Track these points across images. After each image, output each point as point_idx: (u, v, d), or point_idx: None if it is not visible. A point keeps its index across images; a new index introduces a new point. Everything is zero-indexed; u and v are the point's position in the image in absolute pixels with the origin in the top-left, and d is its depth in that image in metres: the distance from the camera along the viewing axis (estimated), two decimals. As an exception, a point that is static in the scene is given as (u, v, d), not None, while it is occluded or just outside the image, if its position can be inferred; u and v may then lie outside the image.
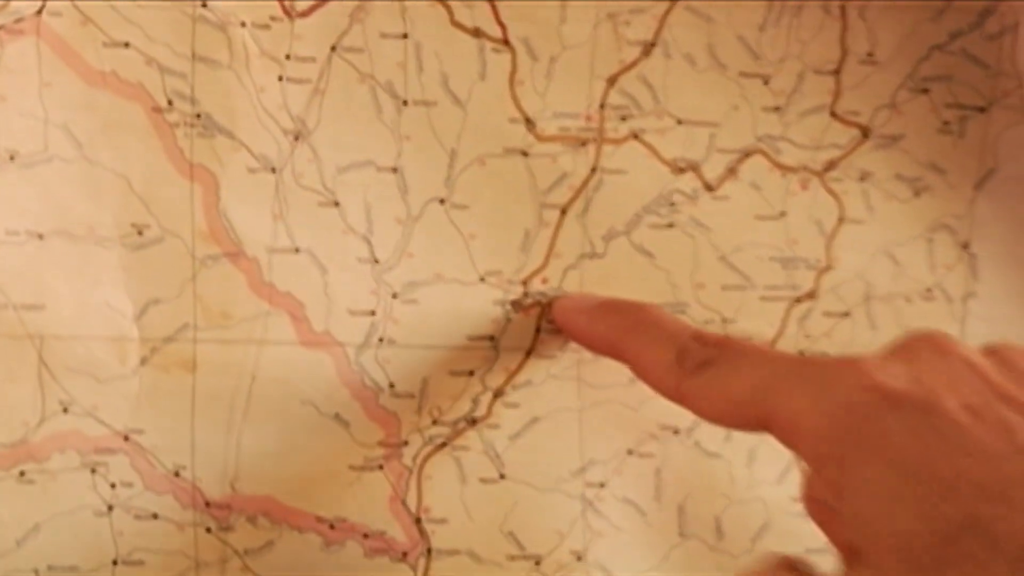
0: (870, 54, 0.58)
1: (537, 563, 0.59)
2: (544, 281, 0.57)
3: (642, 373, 0.52)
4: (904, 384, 0.41)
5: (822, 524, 0.44)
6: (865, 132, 0.59)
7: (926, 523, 0.38)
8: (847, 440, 0.41)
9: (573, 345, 0.58)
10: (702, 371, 0.48)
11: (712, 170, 0.58)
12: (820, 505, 0.43)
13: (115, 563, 0.56)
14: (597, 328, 0.55)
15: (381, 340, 0.56)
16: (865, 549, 0.40)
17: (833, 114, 0.58)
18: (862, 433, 0.41)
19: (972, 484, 0.38)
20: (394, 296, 0.56)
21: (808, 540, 0.56)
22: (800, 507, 0.56)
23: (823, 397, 0.42)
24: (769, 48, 0.57)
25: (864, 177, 0.59)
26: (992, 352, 0.44)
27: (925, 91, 0.59)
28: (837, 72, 0.58)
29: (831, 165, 0.59)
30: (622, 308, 0.55)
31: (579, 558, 0.59)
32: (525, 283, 0.57)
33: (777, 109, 0.58)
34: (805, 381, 0.44)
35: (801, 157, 0.58)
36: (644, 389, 0.55)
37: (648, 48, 0.56)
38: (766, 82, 0.57)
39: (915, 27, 0.58)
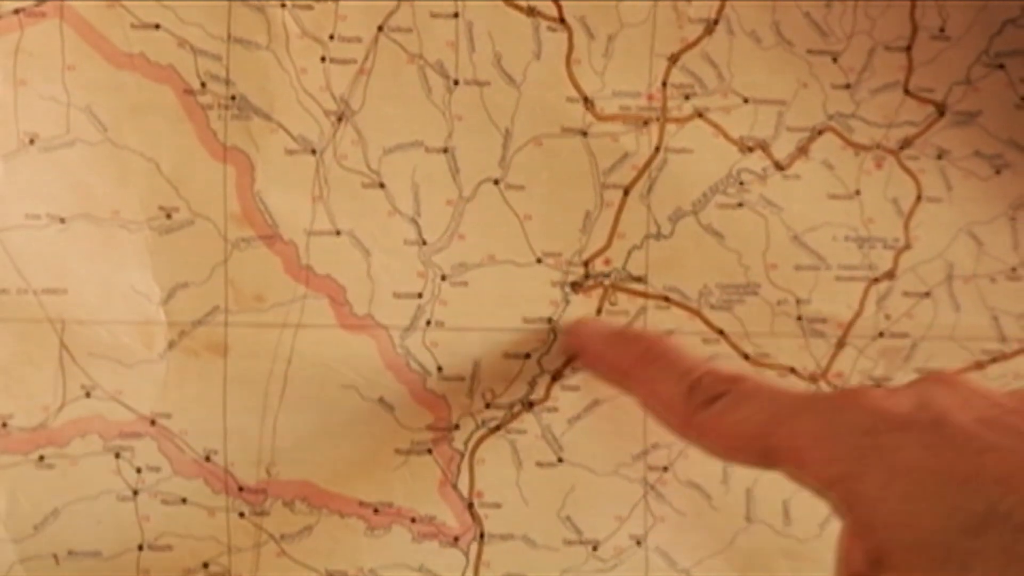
0: (942, 30, 0.57)
1: (594, 548, 0.58)
2: (607, 262, 0.56)
3: (652, 404, 0.52)
4: (911, 409, 0.42)
5: None
6: (940, 109, 0.58)
7: (948, 519, 0.38)
8: (856, 456, 0.41)
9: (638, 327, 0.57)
10: (712, 404, 0.48)
11: (782, 149, 0.57)
12: None
13: (141, 548, 0.55)
14: (609, 354, 0.55)
15: (429, 323, 0.56)
16: (888, 553, 0.39)
17: (906, 91, 0.58)
18: (871, 449, 0.41)
19: (991, 477, 0.38)
20: (443, 278, 0.55)
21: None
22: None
23: (830, 423, 0.42)
24: (837, 24, 0.57)
25: (941, 155, 0.58)
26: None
27: (1001, 66, 0.58)
28: (908, 48, 0.58)
29: (906, 143, 0.58)
30: (637, 338, 0.55)
31: (638, 543, 0.58)
32: (587, 264, 0.56)
33: (848, 86, 0.57)
34: (812, 411, 0.43)
35: (874, 135, 0.58)
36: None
37: (711, 26, 0.56)
38: (835, 59, 0.57)
39: (986, 2, 0.57)
